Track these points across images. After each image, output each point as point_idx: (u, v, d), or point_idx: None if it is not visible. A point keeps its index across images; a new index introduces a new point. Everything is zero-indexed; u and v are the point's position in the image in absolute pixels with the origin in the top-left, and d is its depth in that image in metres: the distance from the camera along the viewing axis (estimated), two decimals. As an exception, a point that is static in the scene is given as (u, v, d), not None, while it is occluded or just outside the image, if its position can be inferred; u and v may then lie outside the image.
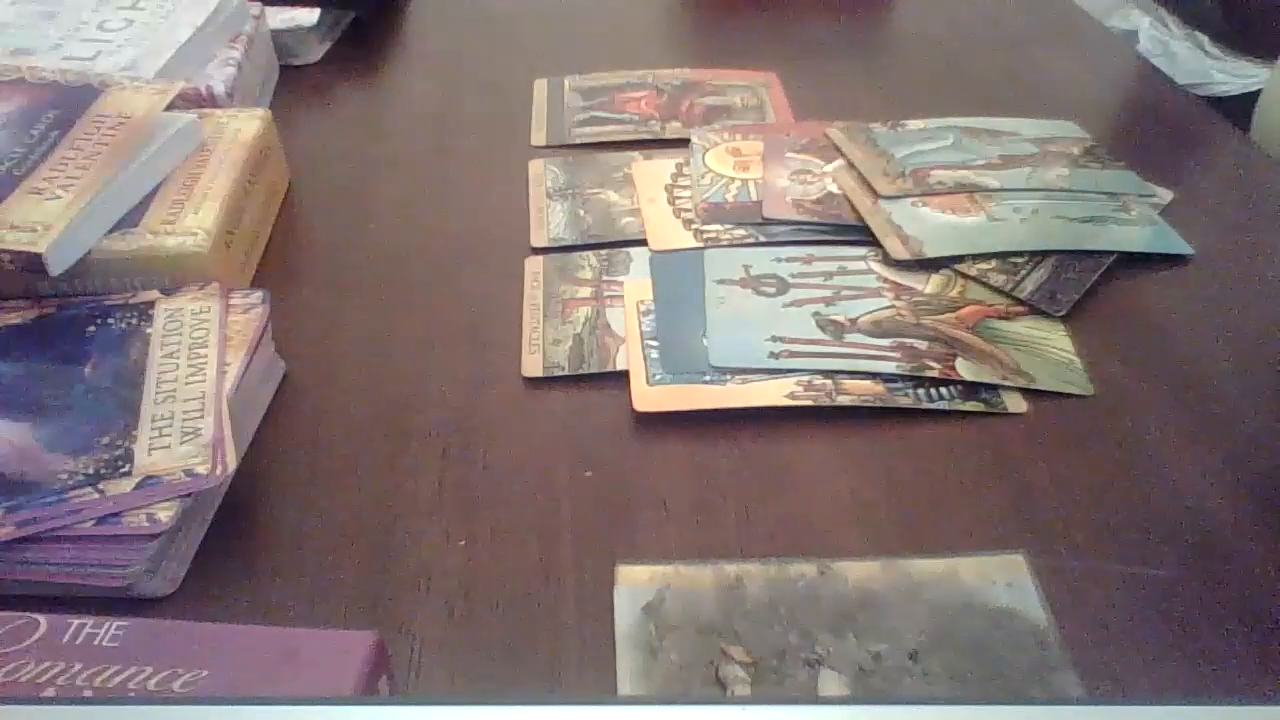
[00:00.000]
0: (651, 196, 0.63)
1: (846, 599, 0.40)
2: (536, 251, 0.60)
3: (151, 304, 0.50)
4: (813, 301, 0.55)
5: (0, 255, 0.48)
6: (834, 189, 0.63)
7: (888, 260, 0.57)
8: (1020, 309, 0.55)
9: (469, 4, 0.90)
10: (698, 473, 0.46)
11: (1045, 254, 0.58)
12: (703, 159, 0.66)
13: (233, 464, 0.41)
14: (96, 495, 0.40)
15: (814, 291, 0.55)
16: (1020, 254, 0.58)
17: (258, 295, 0.50)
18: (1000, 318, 0.54)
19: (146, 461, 0.41)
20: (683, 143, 0.69)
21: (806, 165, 0.65)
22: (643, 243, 0.60)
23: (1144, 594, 0.41)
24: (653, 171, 0.66)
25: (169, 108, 0.58)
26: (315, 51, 0.81)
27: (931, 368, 0.50)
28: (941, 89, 0.77)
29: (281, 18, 0.79)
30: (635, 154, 0.68)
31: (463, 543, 0.43)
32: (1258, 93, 0.92)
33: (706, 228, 0.60)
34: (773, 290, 0.56)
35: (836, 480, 0.46)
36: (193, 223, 0.53)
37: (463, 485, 0.46)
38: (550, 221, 0.62)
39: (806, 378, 0.50)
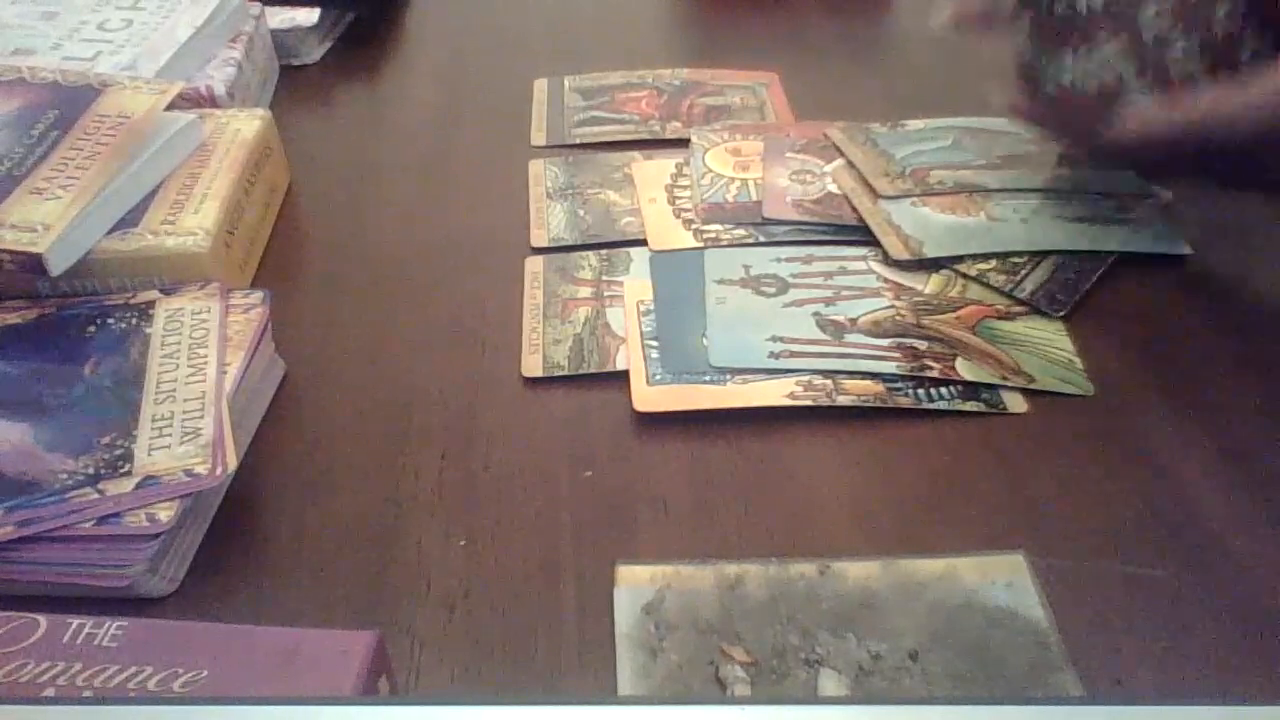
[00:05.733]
0: (651, 196, 0.63)
1: (846, 599, 0.40)
2: (536, 251, 0.60)
3: (151, 304, 0.50)
4: (813, 301, 0.55)
5: (0, 255, 0.48)
6: (834, 189, 0.63)
7: (888, 260, 0.57)
8: (1020, 309, 0.55)
9: (469, 4, 0.90)
10: (698, 473, 0.46)
11: (1045, 254, 0.58)
12: (703, 159, 0.66)
13: (233, 464, 0.41)
14: (96, 495, 0.40)
15: (814, 291, 0.55)
16: (1020, 254, 0.58)
17: (258, 295, 0.50)
18: (1000, 318, 0.54)
19: (146, 461, 0.41)
20: (683, 143, 0.69)
21: (806, 165, 0.65)
22: (643, 243, 0.60)
23: (1144, 594, 0.41)
24: (653, 171, 0.66)
25: (169, 108, 0.58)
26: (315, 51, 0.81)
27: (931, 368, 0.50)
28: (941, 89, 0.77)
29: (281, 18, 0.79)
30: (635, 154, 0.68)
31: (463, 543, 0.43)
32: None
33: (706, 228, 0.60)
34: (773, 290, 0.56)
35: (836, 480, 0.46)
36: (193, 223, 0.53)
37: (463, 485, 0.46)
38: (550, 221, 0.62)
39: (806, 378, 0.50)
